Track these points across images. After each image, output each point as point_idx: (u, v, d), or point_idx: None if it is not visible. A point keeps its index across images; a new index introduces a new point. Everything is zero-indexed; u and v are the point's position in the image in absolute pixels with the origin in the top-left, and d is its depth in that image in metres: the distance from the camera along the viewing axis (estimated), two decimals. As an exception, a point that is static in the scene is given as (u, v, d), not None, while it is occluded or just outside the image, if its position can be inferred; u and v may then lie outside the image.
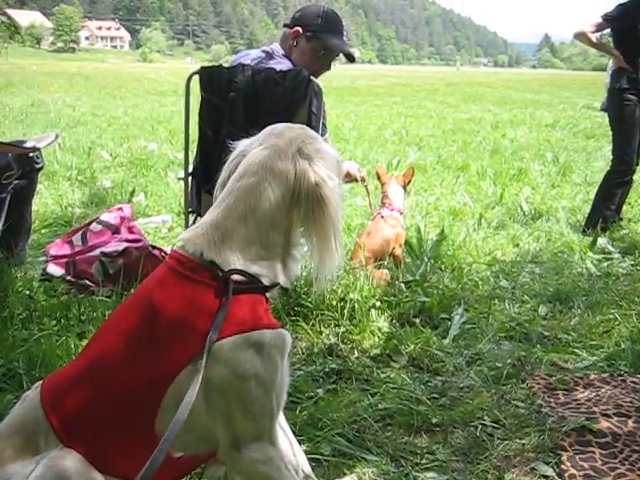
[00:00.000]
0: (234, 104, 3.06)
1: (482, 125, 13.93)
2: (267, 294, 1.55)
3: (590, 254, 4.67)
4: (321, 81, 3.26)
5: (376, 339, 3.15)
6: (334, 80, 34.38)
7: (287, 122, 1.69)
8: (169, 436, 1.32)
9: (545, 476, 2.18)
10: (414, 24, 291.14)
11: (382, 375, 2.79)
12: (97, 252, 3.60)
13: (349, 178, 3.68)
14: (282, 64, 3.25)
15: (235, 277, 1.47)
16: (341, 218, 1.56)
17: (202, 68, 3.23)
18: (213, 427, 1.49)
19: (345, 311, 3.22)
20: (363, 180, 3.79)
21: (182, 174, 3.50)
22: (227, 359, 1.43)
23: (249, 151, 1.58)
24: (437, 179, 7.24)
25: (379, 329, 3.22)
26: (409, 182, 4.06)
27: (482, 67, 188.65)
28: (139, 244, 3.70)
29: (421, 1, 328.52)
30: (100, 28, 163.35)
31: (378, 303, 3.36)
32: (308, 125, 3.17)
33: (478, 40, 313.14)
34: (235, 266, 1.48)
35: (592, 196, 6.65)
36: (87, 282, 3.51)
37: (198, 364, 1.40)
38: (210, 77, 3.18)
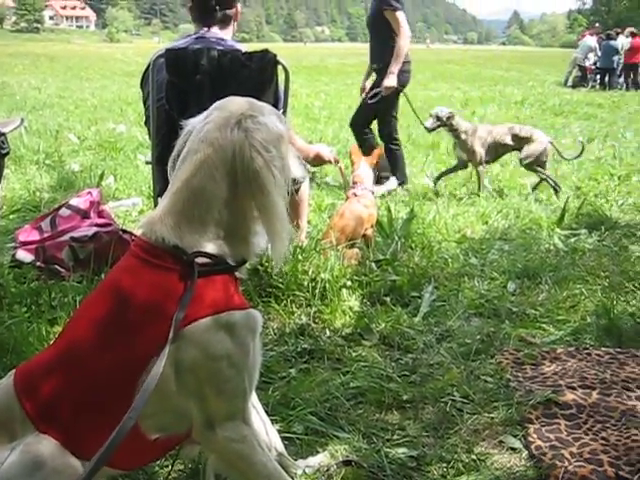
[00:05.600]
0: (201, 87, 3.03)
1: (452, 103, 13.92)
2: (236, 273, 1.57)
3: (558, 230, 4.74)
4: (290, 60, 3.25)
5: (347, 318, 3.18)
6: (304, 59, 34.22)
7: None
8: (137, 405, 1.34)
9: (513, 448, 2.24)
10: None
11: (353, 354, 2.83)
12: (67, 237, 3.58)
13: (321, 160, 3.69)
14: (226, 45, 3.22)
15: (199, 259, 1.48)
16: (281, 192, 1.53)
17: (167, 50, 3.19)
18: (187, 408, 1.51)
19: (316, 291, 3.25)
20: (337, 162, 3.80)
21: (150, 157, 3.48)
22: (199, 341, 1.45)
23: (196, 128, 1.57)
24: (407, 158, 7.25)
25: (350, 308, 3.26)
26: (377, 163, 4.09)
27: (452, 44, 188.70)
28: (109, 228, 3.68)
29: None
30: (65, 7, 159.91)
31: (349, 282, 3.40)
32: (275, 106, 3.18)
33: (448, 17, 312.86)
34: (198, 248, 1.49)
35: (559, 172, 6.77)
36: (57, 268, 3.49)
37: (171, 347, 1.42)
38: (176, 59, 3.14)
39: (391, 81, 5.78)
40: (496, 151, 5.94)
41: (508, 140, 5.83)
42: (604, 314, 3.21)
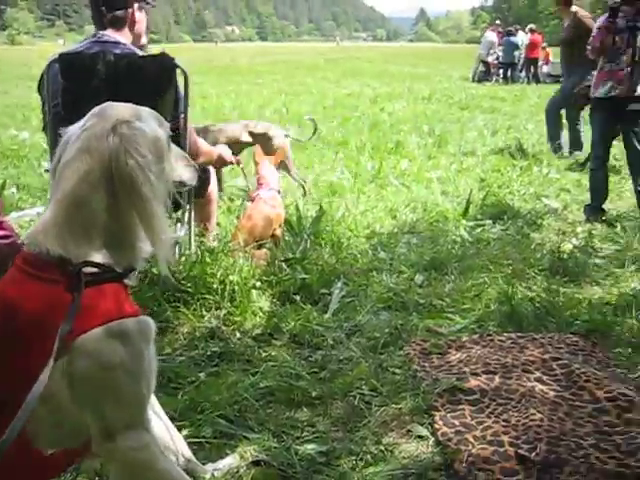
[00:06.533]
0: (97, 92, 2.96)
1: (361, 100, 14.16)
2: (125, 281, 1.55)
3: (463, 222, 4.88)
4: (201, 60, 3.22)
5: (258, 319, 3.19)
6: (214, 59, 33.94)
7: (153, 109, 1.68)
8: (19, 418, 1.30)
9: (420, 436, 2.30)
10: (293, 1, 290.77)
11: (264, 354, 2.84)
12: (-37, 250, 3.44)
13: (223, 162, 3.67)
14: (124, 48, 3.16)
15: (86, 269, 1.46)
16: (160, 196, 1.53)
17: (61, 55, 3.11)
18: (83, 421, 1.48)
19: (226, 293, 3.25)
20: (238, 163, 3.79)
21: (48, 165, 3.39)
22: (91, 351, 1.43)
23: (74, 135, 1.55)
24: (317, 156, 7.33)
25: (260, 309, 3.27)
26: (281, 162, 4.11)
27: (362, 42, 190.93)
28: (9, 240, 3.56)
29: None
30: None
31: (258, 283, 3.41)
32: (175, 109, 3.15)
33: (357, 15, 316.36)
34: (83, 258, 1.46)
35: (465, 165, 6.97)
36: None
37: (62, 360, 1.39)
38: (71, 65, 3.07)
39: None
40: (232, 149, 5.71)
41: (244, 138, 5.61)
42: (506, 301, 3.33)
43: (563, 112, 8.00)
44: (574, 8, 7.57)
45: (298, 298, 3.39)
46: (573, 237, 4.69)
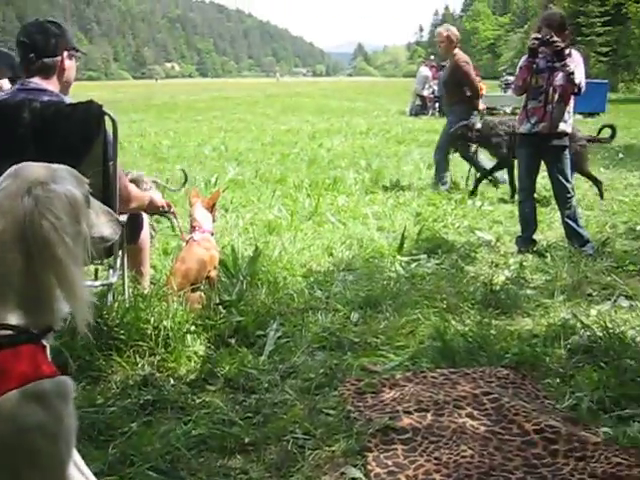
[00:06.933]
0: (23, 140, 2.94)
1: (300, 136, 14.29)
2: (43, 341, 1.54)
3: (399, 257, 4.95)
4: (139, 98, 3.22)
5: (192, 364, 3.17)
6: (153, 97, 33.81)
7: (81, 157, 1.68)
8: None
9: (354, 478, 2.32)
10: (232, 37, 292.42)
11: (198, 400, 2.82)
12: None
13: (155, 207, 3.66)
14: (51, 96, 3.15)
15: (1, 332, 1.44)
16: (76, 258, 1.53)
17: (-19, 103, 3.06)
18: None
19: (160, 339, 3.21)
20: (170, 207, 3.79)
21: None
22: (7, 415, 1.40)
23: None
24: (255, 194, 7.34)
25: (195, 353, 3.25)
26: (214, 204, 4.11)
27: (301, 77, 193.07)
28: None
29: (237, 14, 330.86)
30: None
31: (193, 327, 3.39)
32: (104, 157, 3.14)
33: (296, 51, 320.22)
34: None
35: (402, 200, 7.09)
36: None
37: None
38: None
39: None
40: None
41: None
42: (439, 337, 3.38)
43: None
44: (455, 51, 7.82)
45: (233, 341, 3.39)
46: (505, 269, 4.81)
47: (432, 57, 27.81)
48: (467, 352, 3.29)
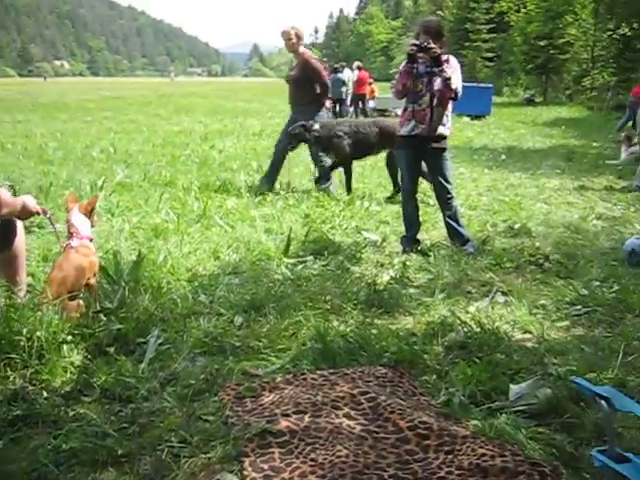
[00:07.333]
0: None
1: (192, 137, 14.13)
2: None
3: (285, 259, 4.97)
4: (26, 97, 3.08)
5: (68, 375, 3.07)
6: (41, 96, 32.53)
7: None
8: None
9: (230, 485, 2.31)
10: (125, 35, 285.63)
11: (71, 413, 2.73)
12: None
13: (28, 212, 3.53)
14: None
15: None
16: None
17: None
18: None
19: (33, 351, 3.09)
20: (45, 212, 3.66)
21: None
22: None
23: None
24: (142, 197, 7.19)
25: (72, 364, 3.14)
26: (92, 209, 4.00)
27: (196, 77, 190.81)
28: None
29: (130, 11, 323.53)
30: None
31: (70, 337, 3.28)
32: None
33: (191, 50, 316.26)
34: None
35: (291, 202, 7.12)
36: None
37: None
38: None
39: None
40: None
41: None
42: (319, 338, 3.42)
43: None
44: (302, 49, 7.97)
45: (112, 350, 3.30)
46: (390, 269, 4.92)
47: (325, 59, 28.13)
48: (347, 352, 3.35)
